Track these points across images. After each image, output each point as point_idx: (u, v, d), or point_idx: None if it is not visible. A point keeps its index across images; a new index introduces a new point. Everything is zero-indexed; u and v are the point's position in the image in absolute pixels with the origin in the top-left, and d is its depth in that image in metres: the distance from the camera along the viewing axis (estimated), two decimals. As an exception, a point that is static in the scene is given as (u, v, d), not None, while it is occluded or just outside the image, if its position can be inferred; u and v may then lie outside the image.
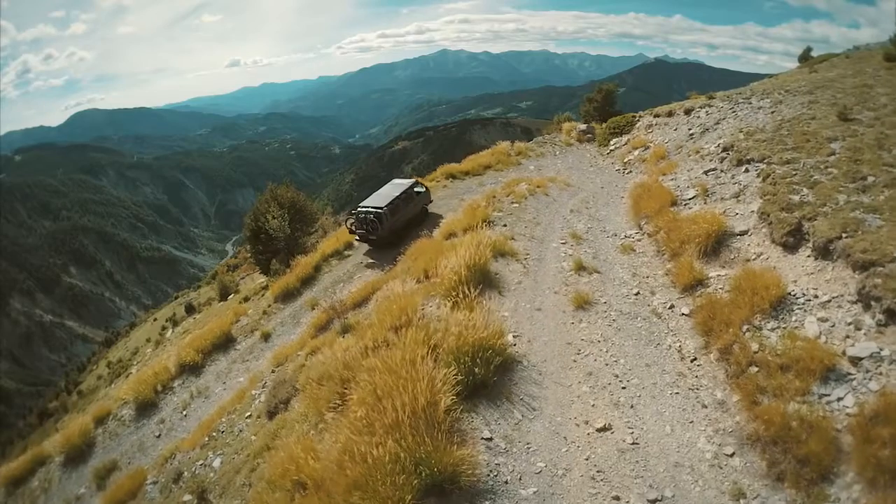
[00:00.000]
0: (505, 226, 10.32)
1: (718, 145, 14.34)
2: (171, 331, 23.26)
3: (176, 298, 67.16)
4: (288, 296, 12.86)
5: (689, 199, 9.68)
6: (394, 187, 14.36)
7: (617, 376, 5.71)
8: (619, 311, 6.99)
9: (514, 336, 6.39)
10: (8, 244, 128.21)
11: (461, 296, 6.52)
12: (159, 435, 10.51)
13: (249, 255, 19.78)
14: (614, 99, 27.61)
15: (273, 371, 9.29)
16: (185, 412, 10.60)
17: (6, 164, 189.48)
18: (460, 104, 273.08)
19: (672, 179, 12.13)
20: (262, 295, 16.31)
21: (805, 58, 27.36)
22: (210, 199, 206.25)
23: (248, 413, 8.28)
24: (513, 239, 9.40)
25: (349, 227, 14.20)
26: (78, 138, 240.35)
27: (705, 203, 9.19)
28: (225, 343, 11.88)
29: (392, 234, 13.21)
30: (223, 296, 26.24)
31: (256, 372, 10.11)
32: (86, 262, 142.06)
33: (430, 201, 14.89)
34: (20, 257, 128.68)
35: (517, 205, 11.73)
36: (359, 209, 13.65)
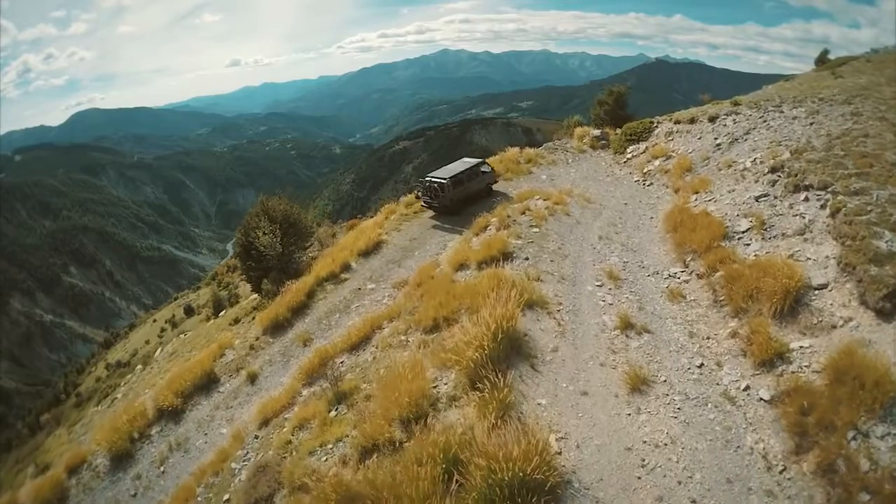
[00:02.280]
0: (527, 259, 8.95)
1: (755, 160, 13.03)
2: (160, 350, 22.09)
3: (176, 300, 66.38)
4: (277, 328, 11.57)
5: (743, 232, 8.32)
6: (461, 164, 15.88)
7: (694, 502, 4.40)
8: (684, 395, 5.64)
9: (557, 439, 5.00)
10: (8, 244, 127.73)
11: (488, 384, 5.05)
12: (135, 494, 9.34)
13: (240, 271, 18.48)
14: (626, 102, 26.13)
15: (257, 436, 8.04)
16: (162, 468, 9.42)
17: (6, 164, 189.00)
18: (461, 104, 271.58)
19: (711, 200, 10.80)
20: (252, 318, 15.12)
21: (822, 60, 26.02)
22: (210, 198, 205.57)
23: (227, 496, 7.04)
24: (539, 280, 8.03)
25: (416, 193, 16.25)
26: (78, 138, 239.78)
27: (763, 239, 7.84)
28: (207, 384, 10.62)
29: (453, 204, 14.64)
30: (217, 309, 25.20)
31: (240, 425, 8.87)
32: (86, 261, 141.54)
33: (496, 181, 16.19)
34: (20, 257, 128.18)
35: (537, 229, 10.35)
36: (427, 179, 15.32)
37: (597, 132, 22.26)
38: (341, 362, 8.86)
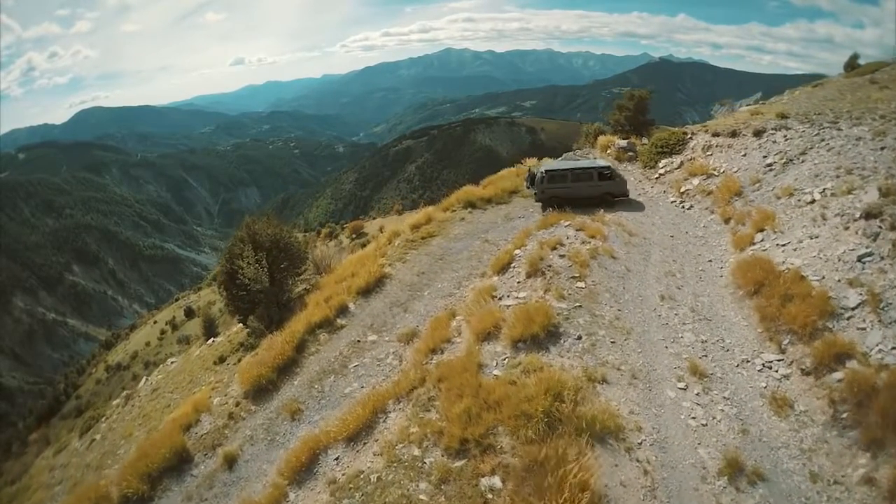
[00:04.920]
0: (579, 338, 6.98)
1: (825, 192, 11.01)
2: (144, 381, 20.34)
3: (177, 300, 65.31)
4: (261, 392, 9.67)
5: (853, 308, 6.24)
6: (574, 162, 16.08)
7: None
8: None
9: None
10: (11, 242, 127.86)
11: None
12: None
13: (226, 302, 16.55)
14: (647, 107, 24.07)
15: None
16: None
17: (10, 162, 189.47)
18: (464, 103, 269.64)
19: (787, 246, 8.80)
20: (238, 360, 13.30)
21: (852, 66, 23.91)
22: (213, 197, 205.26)
23: None
24: (604, 381, 6.07)
25: (525, 177, 16.56)
26: (82, 136, 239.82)
27: (882, 323, 5.77)
28: (178, 465, 8.80)
29: (545, 197, 14.41)
30: (207, 331, 23.57)
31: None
32: (89, 260, 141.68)
33: (623, 193, 15.02)
34: (23, 255, 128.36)
35: (582, 284, 8.27)
36: (534, 166, 16.21)
37: (623, 143, 20.16)
38: (336, 459, 6.99)
